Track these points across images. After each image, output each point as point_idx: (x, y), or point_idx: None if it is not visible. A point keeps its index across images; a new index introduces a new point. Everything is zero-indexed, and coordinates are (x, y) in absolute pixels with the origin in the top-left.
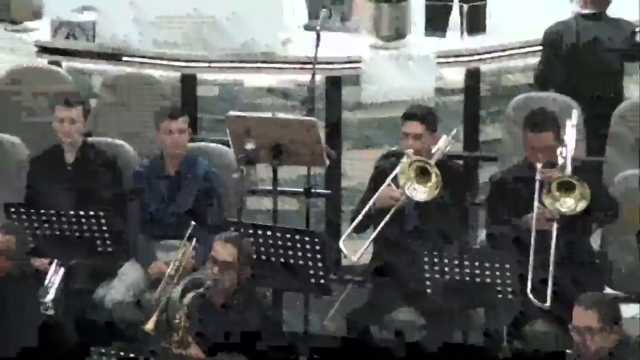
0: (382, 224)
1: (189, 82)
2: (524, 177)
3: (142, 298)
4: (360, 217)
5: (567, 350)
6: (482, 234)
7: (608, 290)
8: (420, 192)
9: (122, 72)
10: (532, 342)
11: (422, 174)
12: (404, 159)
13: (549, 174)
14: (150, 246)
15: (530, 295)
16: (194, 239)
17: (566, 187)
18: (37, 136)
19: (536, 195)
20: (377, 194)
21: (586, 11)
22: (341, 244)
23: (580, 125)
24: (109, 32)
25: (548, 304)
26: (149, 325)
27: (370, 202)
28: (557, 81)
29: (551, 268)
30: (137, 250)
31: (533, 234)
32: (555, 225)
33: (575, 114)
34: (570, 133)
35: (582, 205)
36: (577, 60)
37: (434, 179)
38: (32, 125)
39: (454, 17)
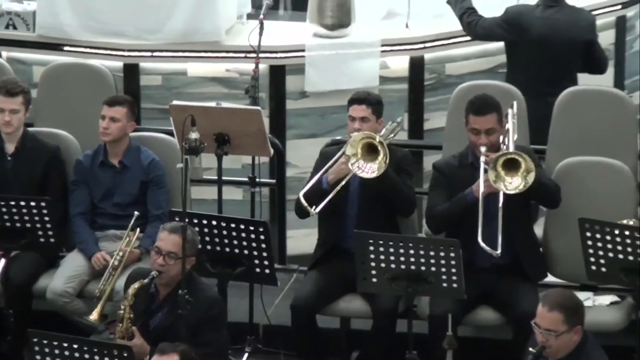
0: (337, 188)
1: (131, 71)
2: (467, 164)
3: (85, 289)
4: (315, 179)
5: (530, 349)
6: None
7: (551, 278)
8: (367, 170)
9: (64, 62)
10: (477, 330)
11: (370, 152)
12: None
13: (493, 156)
14: (93, 237)
15: (482, 244)
16: (138, 229)
17: (511, 166)
18: None
19: (481, 173)
20: (327, 166)
21: None
22: (301, 196)
23: (522, 115)
24: (50, 21)
25: (499, 251)
26: (93, 316)
27: (321, 172)
28: (523, 72)
29: (500, 222)
30: (80, 240)
31: (480, 198)
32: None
33: (516, 104)
34: (512, 123)
35: (530, 178)
36: (535, 45)
37: (381, 154)
38: None
39: (398, 5)
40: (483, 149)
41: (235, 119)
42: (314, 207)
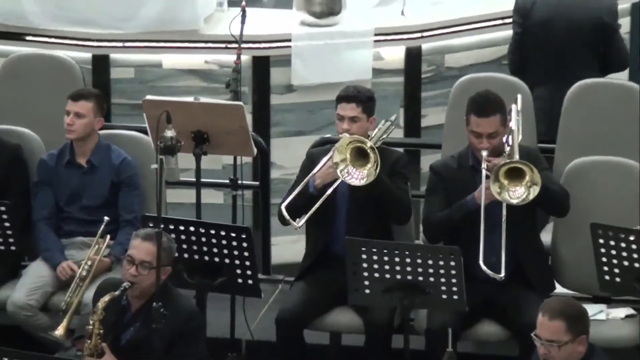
0: (324, 196)
1: (101, 63)
2: (467, 165)
3: (50, 301)
4: (299, 188)
5: None
6: None
7: (560, 289)
8: (356, 177)
9: (26, 53)
10: (479, 346)
11: (359, 157)
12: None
13: (496, 162)
14: (58, 244)
15: (484, 267)
16: (108, 236)
17: (515, 175)
18: None
19: (483, 179)
20: (314, 171)
21: None
22: (283, 209)
23: (529, 110)
24: (10, 8)
25: (502, 274)
26: (59, 331)
27: (303, 183)
28: (531, 59)
29: (503, 239)
30: (44, 248)
31: (482, 206)
32: None
33: (521, 98)
34: (517, 120)
35: (534, 191)
36: (551, 35)
37: (372, 161)
38: None
39: None
40: (484, 153)
41: (215, 115)
42: (297, 219)
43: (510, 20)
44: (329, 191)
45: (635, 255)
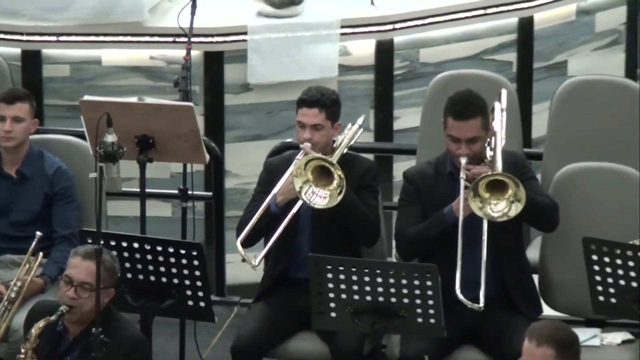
0: (292, 212)
1: (31, 59)
2: (444, 173)
3: None
4: (255, 217)
5: None
6: None
7: (549, 312)
8: (320, 197)
9: None
10: None
11: (322, 175)
12: (300, 155)
13: (476, 171)
14: None
15: (460, 296)
16: (40, 254)
17: (496, 188)
18: None
19: (462, 190)
20: (275, 189)
21: None
22: (239, 245)
23: (514, 108)
24: None
25: (481, 304)
26: None
27: (257, 214)
28: None
29: (483, 263)
30: None
31: (460, 220)
32: None
33: (505, 94)
34: (500, 119)
35: (516, 208)
36: None
37: (336, 180)
38: None
39: None
40: (463, 160)
41: (162, 117)
42: (254, 258)
43: (493, 10)
44: (295, 209)
45: (632, 274)
